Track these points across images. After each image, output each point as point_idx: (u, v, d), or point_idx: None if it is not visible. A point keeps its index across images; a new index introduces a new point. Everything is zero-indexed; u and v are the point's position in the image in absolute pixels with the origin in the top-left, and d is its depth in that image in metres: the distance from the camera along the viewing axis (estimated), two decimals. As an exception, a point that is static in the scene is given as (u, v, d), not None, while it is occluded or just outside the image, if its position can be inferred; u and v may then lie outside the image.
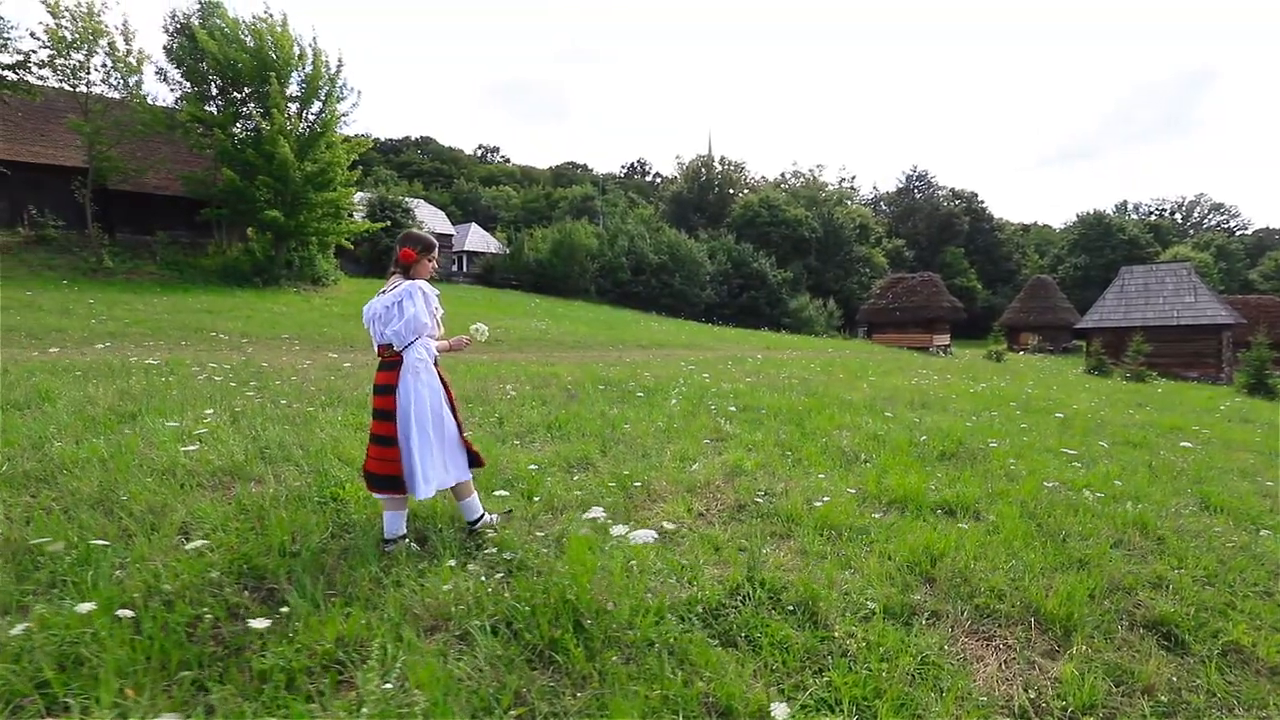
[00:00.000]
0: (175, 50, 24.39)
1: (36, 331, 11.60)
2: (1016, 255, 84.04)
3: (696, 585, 3.02)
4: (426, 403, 3.21)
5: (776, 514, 4.19)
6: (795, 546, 3.66)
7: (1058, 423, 8.55)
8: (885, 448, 6.23)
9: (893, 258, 71.63)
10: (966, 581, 3.29)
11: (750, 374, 13.04)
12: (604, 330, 24.96)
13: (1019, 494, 4.81)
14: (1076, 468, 5.84)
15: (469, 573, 2.86)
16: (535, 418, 6.63)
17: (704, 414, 7.48)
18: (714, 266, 51.42)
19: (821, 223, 63.37)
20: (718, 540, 3.68)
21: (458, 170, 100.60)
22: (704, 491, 4.65)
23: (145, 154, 25.32)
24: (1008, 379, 15.38)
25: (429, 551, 3.21)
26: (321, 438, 5.02)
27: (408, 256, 3.32)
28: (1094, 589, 3.33)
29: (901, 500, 4.60)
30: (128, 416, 5.08)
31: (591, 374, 10.53)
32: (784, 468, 5.37)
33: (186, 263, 25.29)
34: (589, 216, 61.43)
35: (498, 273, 50.02)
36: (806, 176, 78.75)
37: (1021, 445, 6.76)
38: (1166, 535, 4.21)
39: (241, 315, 16.70)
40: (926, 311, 38.94)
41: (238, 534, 3.18)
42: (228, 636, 2.41)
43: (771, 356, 18.86)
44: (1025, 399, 10.93)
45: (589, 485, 4.44)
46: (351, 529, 3.42)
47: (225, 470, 4.03)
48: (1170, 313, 27.53)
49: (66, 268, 21.76)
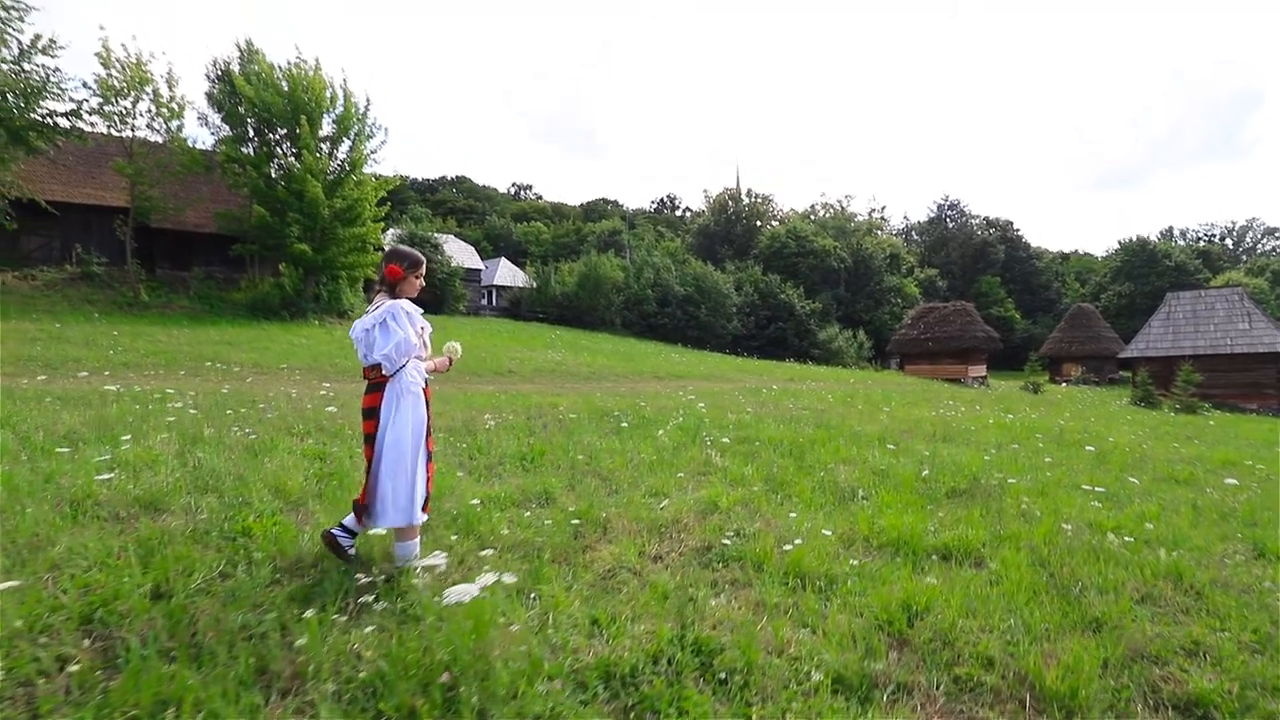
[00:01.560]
0: (216, 95, 25.59)
1: (54, 362, 11.83)
2: (1056, 284, 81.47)
3: (614, 644, 2.56)
4: (409, 427, 2.98)
5: (743, 558, 3.70)
6: (753, 597, 3.16)
7: (1091, 457, 7.80)
8: (887, 483, 5.66)
9: (925, 288, 70.10)
10: (948, 645, 2.75)
11: (762, 404, 12.49)
12: (622, 362, 24.66)
13: (1031, 537, 4.21)
14: (1099, 508, 5.16)
15: (335, 624, 2.46)
16: (511, 449, 6.26)
17: (696, 446, 7.01)
18: (741, 298, 50.98)
19: (851, 253, 62.52)
20: (666, 588, 3.21)
21: (491, 207, 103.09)
22: (669, 531, 4.18)
23: (187, 193, 26.39)
24: (1042, 411, 14.45)
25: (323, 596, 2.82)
26: (269, 468, 4.74)
27: (394, 273, 3.11)
28: (1109, 657, 2.75)
29: (895, 543, 4.06)
30: (71, 443, 4.90)
31: (590, 405, 10.16)
32: (768, 505, 4.87)
33: (218, 297, 26.07)
34: (615, 250, 61.91)
35: (525, 305, 50.52)
36: (835, 207, 78.18)
37: (1044, 482, 6.10)
38: (1206, 589, 3.57)
39: (259, 347, 16.92)
40: (960, 342, 37.59)
41: (114, 572, 2.85)
42: (38, 696, 2.06)
43: (790, 387, 18.22)
44: (1058, 431, 10.13)
45: (535, 523, 4.02)
46: (250, 567, 3.07)
47: (141, 501, 3.75)
48: (1223, 340, 25.92)
49: (105, 302, 22.59)
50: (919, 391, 19.98)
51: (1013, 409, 14.19)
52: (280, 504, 4.04)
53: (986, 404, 15.93)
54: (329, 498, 4.27)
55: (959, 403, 15.60)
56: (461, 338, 27.54)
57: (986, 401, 16.98)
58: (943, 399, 16.86)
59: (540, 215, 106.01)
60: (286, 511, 3.96)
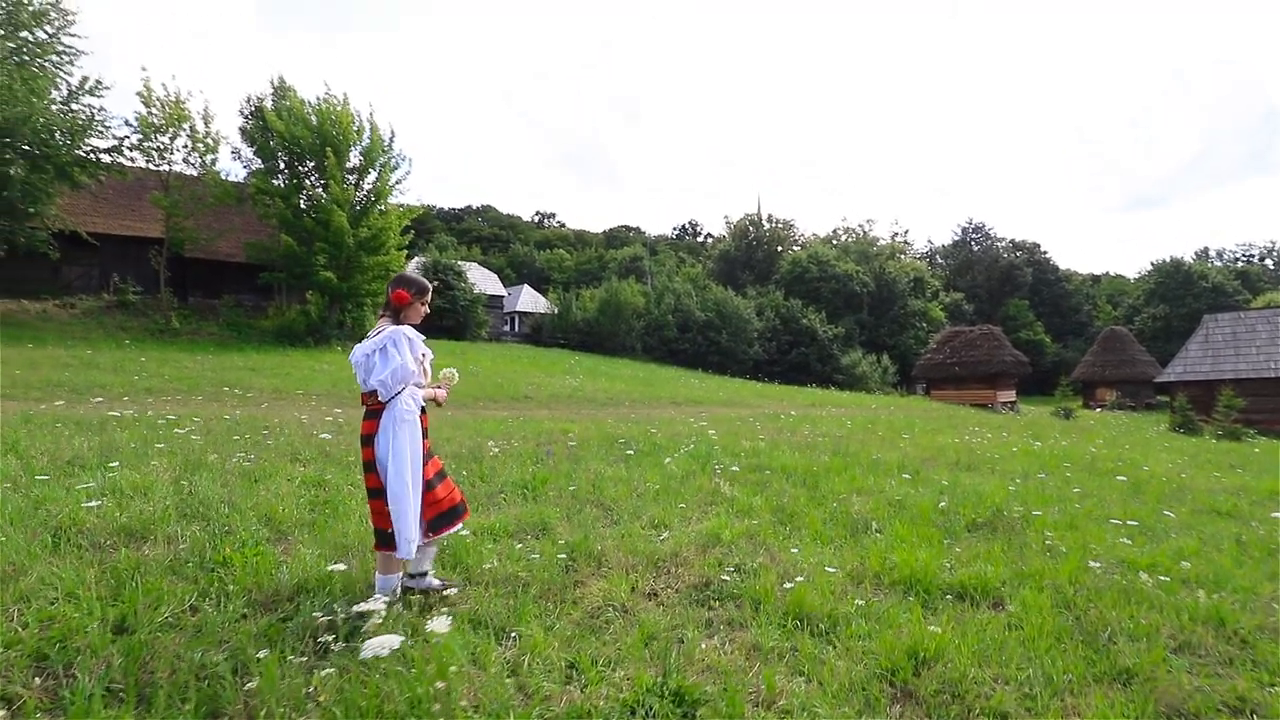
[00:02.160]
0: (249, 130, 26.55)
1: (79, 387, 12.09)
2: (1087, 306, 79.54)
3: (589, 692, 2.38)
4: (406, 455, 2.93)
5: (742, 595, 3.49)
6: (748, 640, 2.95)
7: (1124, 487, 7.39)
8: (903, 515, 5.39)
9: (951, 311, 68.94)
10: (958, 698, 2.51)
11: (779, 431, 12.21)
12: (640, 387, 24.50)
13: (1055, 575, 3.92)
14: (1131, 543, 4.82)
15: (289, 665, 2.32)
16: (514, 476, 6.13)
17: (705, 474, 6.80)
18: (762, 323, 50.66)
19: (874, 277, 61.91)
20: (655, 628, 3.02)
21: (515, 235, 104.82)
22: (667, 565, 3.99)
23: (219, 224, 27.28)
24: (1074, 437, 13.89)
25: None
26: (262, 495, 4.67)
27: (400, 299, 3.12)
28: (1140, 714, 2.48)
29: (906, 581, 3.81)
30: (71, 469, 4.90)
31: (601, 431, 10.01)
32: (775, 538, 4.64)
33: (246, 324, 26.70)
34: (636, 276, 62.23)
35: (546, 331, 50.82)
36: (857, 231, 77.69)
37: (1073, 514, 5.75)
38: (1252, 636, 3.26)
39: (281, 372, 17.16)
40: (988, 366, 36.68)
41: (80, 604, 2.77)
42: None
43: (810, 413, 17.86)
44: (1089, 459, 9.67)
45: (524, 556, 3.87)
46: (222, 600, 2.96)
47: (127, 529, 3.69)
48: (1266, 364, 24.83)
49: (139, 329, 23.26)
50: (944, 417, 19.42)
51: (1042, 435, 13.66)
52: (268, 533, 3.95)
53: (1014, 430, 15.38)
54: (320, 527, 4.17)
55: (985, 429, 15.09)
56: (481, 363, 27.69)
57: (1014, 427, 16.40)
58: (968, 425, 16.34)
59: (563, 242, 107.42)
60: (273, 541, 3.87)
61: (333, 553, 3.69)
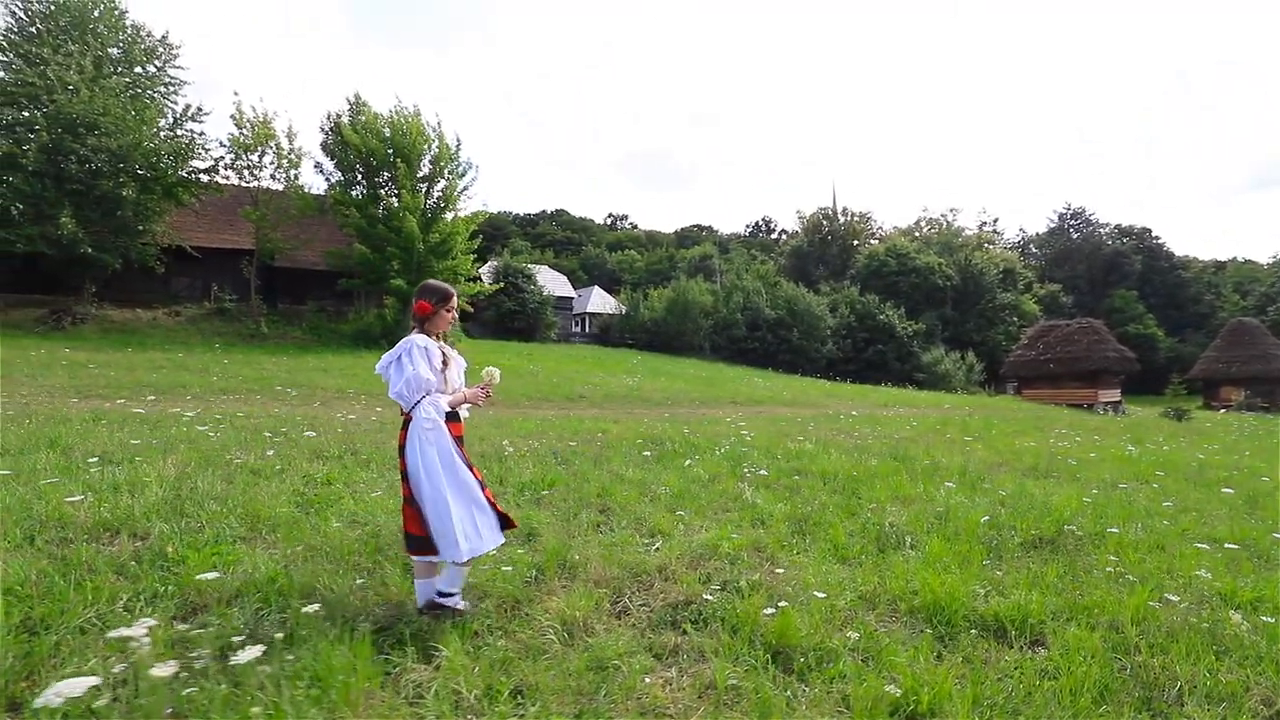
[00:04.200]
0: (329, 145, 28.11)
1: (163, 387, 13.01)
2: (1209, 296, 71.54)
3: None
4: (436, 461, 2.92)
5: (722, 619, 3.06)
6: (705, 676, 2.53)
7: (1233, 500, 6.28)
8: (945, 529, 4.73)
9: (1047, 304, 63.79)
10: (946, 770, 1.99)
11: (835, 432, 11.45)
12: (701, 387, 23.97)
13: (1117, 611, 3.22)
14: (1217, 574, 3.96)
15: (178, 681, 2.12)
16: (526, 478, 5.90)
17: (732, 478, 6.33)
18: (836, 320, 48.74)
19: (958, 270, 58.19)
20: (603, 654, 2.65)
21: (587, 238, 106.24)
22: (651, 579, 3.60)
23: (303, 234, 29.05)
24: (1181, 441, 12.25)
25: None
26: (258, 493, 4.65)
27: (423, 309, 3.12)
28: (1201, 809, 1.88)
29: (928, 608, 3.25)
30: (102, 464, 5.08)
31: (638, 431, 9.67)
32: (785, 552, 4.15)
33: (328, 328, 28.28)
34: (705, 274, 61.46)
35: (614, 332, 51.06)
36: (940, 222, 73.30)
37: (1160, 532, 4.88)
38: (1383, 704, 2.50)
39: (349, 373, 17.92)
40: (1087, 363, 33.47)
41: (27, 602, 2.72)
42: None
43: (878, 413, 16.77)
44: (1195, 467, 8.40)
45: (496, 565, 3.59)
46: (154, 601, 2.85)
47: (104, 524, 3.70)
48: None
49: (231, 334, 25.11)
50: (1030, 418, 17.74)
51: (1142, 439, 12.12)
52: (244, 531, 3.88)
53: (1111, 433, 13.77)
54: (302, 525, 4.07)
55: (1076, 431, 13.59)
56: (545, 363, 28.00)
57: (1111, 430, 14.69)
58: (1057, 426, 14.80)
59: (634, 244, 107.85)
60: (247, 540, 3.79)
61: (300, 553, 3.55)
